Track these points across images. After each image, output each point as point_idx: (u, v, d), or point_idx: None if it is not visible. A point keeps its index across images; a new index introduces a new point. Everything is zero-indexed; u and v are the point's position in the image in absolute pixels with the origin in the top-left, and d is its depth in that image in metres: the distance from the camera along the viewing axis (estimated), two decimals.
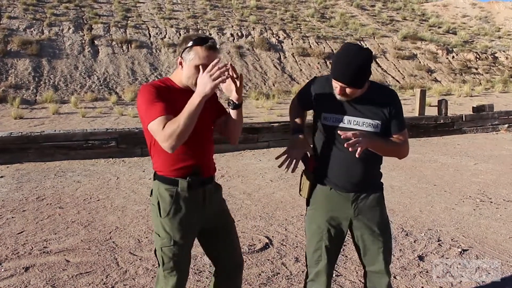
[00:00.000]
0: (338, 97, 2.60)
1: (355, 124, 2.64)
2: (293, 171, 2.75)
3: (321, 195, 2.79)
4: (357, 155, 2.43)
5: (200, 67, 2.44)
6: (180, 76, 2.57)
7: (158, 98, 2.44)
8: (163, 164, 2.59)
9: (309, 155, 2.78)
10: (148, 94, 2.45)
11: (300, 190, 2.91)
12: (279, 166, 2.75)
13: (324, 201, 2.78)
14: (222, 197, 2.88)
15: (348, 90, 2.54)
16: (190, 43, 2.45)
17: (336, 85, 2.55)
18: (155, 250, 2.66)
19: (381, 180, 2.88)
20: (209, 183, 2.71)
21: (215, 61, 2.34)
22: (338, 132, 2.49)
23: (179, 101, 2.45)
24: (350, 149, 2.41)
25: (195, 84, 2.43)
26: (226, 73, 2.32)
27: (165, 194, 2.59)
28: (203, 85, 2.32)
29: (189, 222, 2.62)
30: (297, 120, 2.93)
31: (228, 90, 2.58)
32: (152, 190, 2.69)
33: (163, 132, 2.35)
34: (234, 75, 2.49)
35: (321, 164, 2.75)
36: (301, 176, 2.88)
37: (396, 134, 2.72)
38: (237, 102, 2.58)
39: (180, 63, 2.54)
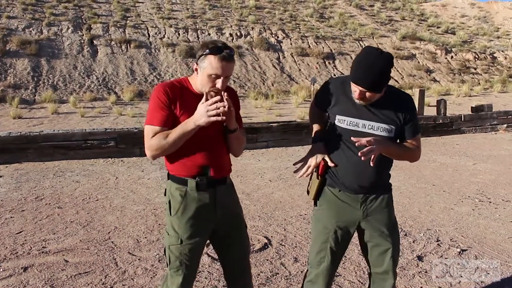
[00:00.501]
0: (356, 101, 2.59)
1: (369, 128, 2.62)
2: (307, 175, 2.78)
3: (329, 196, 2.77)
4: (371, 164, 2.46)
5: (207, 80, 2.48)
6: (195, 81, 2.59)
7: (165, 105, 2.51)
8: (174, 163, 2.62)
9: (323, 160, 2.76)
10: (158, 99, 2.51)
11: (308, 190, 2.89)
12: (295, 172, 2.79)
13: (332, 202, 2.76)
14: (237, 199, 2.87)
15: (367, 94, 2.52)
16: (206, 51, 2.45)
17: (356, 89, 2.53)
18: (164, 249, 2.69)
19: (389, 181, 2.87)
20: (220, 184, 2.70)
21: (216, 98, 2.39)
22: (352, 138, 2.49)
23: (190, 104, 2.52)
24: (362, 158, 2.43)
25: (208, 92, 2.49)
26: (222, 114, 2.40)
27: (175, 194, 2.62)
28: (199, 115, 2.41)
29: (198, 222, 2.62)
30: (317, 126, 2.89)
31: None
32: (165, 190, 2.72)
33: (150, 141, 2.51)
34: (226, 105, 2.50)
35: (334, 165, 2.74)
36: (311, 176, 2.87)
37: (410, 139, 2.72)
38: (231, 129, 2.60)
39: (196, 69, 2.55)
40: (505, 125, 14.56)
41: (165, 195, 2.73)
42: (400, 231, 5.29)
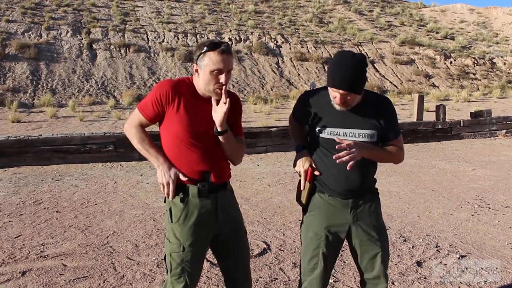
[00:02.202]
0: (337, 107, 2.61)
1: (351, 136, 2.65)
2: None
3: (319, 202, 2.78)
4: (348, 167, 2.49)
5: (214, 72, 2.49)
6: (197, 83, 2.59)
7: (159, 104, 2.55)
8: None
9: (311, 167, 2.76)
10: (157, 95, 2.56)
11: (297, 197, 2.89)
12: None
13: (322, 208, 2.76)
14: (237, 205, 2.86)
15: (348, 97, 2.54)
16: (204, 49, 2.48)
17: (336, 94, 2.55)
18: (164, 256, 2.68)
19: (379, 185, 2.90)
20: (221, 190, 2.69)
21: (171, 191, 2.57)
22: (336, 138, 2.52)
23: (191, 104, 2.57)
24: (337, 161, 2.48)
25: (213, 90, 2.51)
26: (169, 193, 2.58)
27: (177, 200, 2.61)
28: (161, 173, 2.60)
29: (200, 228, 2.61)
30: (299, 135, 2.93)
31: (214, 114, 2.58)
32: (165, 197, 2.71)
33: (132, 128, 2.68)
34: (224, 100, 2.51)
35: (319, 173, 2.75)
36: (299, 183, 2.86)
37: (391, 141, 2.76)
38: (219, 129, 2.58)
39: (196, 70, 2.56)
40: (504, 131, 14.57)
41: (165, 202, 2.71)
42: (399, 237, 5.32)
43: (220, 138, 2.60)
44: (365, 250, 2.76)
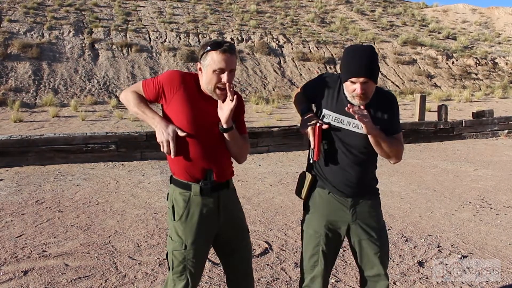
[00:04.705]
0: (356, 102, 2.59)
1: (354, 126, 2.65)
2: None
3: (319, 200, 2.79)
4: (348, 107, 2.48)
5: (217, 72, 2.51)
6: (201, 82, 2.61)
7: (161, 89, 2.58)
8: (177, 167, 2.63)
9: (319, 124, 2.65)
10: (163, 81, 2.58)
11: (297, 191, 2.88)
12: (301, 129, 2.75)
13: (322, 206, 2.78)
14: (239, 204, 2.87)
15: (367, 87, 2.54)
16: (207, 49, 2.51)
17: (355, 86, 2.55)
18: (166, 254, 2.68)
19: (381, 185, 2.90)
20: (224, 188, 2.70)
21: (171, 148, 2.52)
22: (349, 105, 2.49)
23: (192, 99, 2.58)
24: (351, 110, 2.47)
25: (214, 89, 2.53)
26: (170, 150, 2.53)
27: (179, 198, 2.62)
28: (159, 132, 2.53)
29: (202, 227, 2.62)
30: (304, 103, 2.86)
31: (219, 111, 2.59)
32: (168, 194, 2.72)
33: (130, 93, 2.63)
34: (230, 97, 2.52)
35: (320, 167, 2.76)
36: (300, 176, 2.88)
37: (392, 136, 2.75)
38: (225, 126, 2.59)
39: (200, 69, 2.58)
40: (506, 131, 14.54)
41: (167, 199, 2.72)
42: (401, 237, 5.32)
43: (226, 135, 2.62)
44: (364, 249, 2.78)
